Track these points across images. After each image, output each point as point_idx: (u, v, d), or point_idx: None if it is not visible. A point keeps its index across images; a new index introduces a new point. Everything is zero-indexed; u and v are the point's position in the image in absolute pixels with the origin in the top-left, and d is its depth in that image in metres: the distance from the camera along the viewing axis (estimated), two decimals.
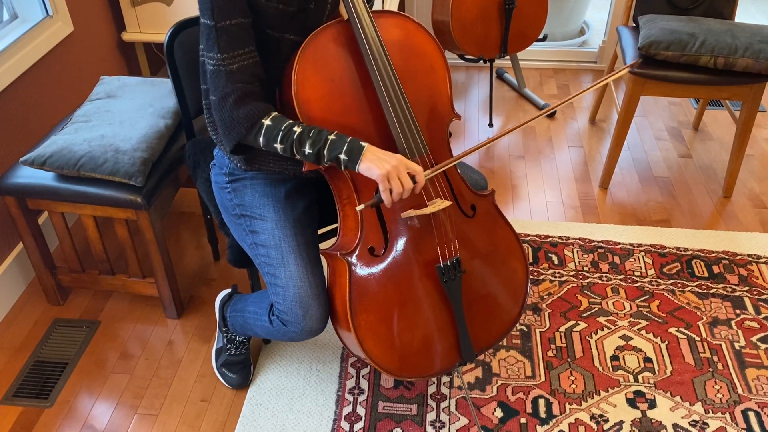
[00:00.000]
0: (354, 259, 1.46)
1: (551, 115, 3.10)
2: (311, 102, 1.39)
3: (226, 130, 1.39)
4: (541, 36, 2.92)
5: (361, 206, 1.39)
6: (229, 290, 1.90)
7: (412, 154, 1.44)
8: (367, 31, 1.40)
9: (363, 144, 1.34)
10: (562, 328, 2.02)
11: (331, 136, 1.34)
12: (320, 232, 1.71)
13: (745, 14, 4.28)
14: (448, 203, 1.47)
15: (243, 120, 1.37)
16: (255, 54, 1.40)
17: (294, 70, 1.38)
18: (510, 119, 3.09)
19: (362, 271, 1.47)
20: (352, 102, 1.43)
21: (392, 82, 1.42)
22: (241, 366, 1.87)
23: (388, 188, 1.34)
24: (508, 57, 3.31)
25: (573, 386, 1.85)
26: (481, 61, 2.94)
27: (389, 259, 1.48)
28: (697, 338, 1.99)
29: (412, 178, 1.36)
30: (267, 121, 1.37)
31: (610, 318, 2.05)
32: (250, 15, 1.38)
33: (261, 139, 1.38)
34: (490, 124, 3.04)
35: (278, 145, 1.37)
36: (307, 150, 1.35)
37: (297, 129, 1.35)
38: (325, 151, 1.34)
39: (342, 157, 1.34)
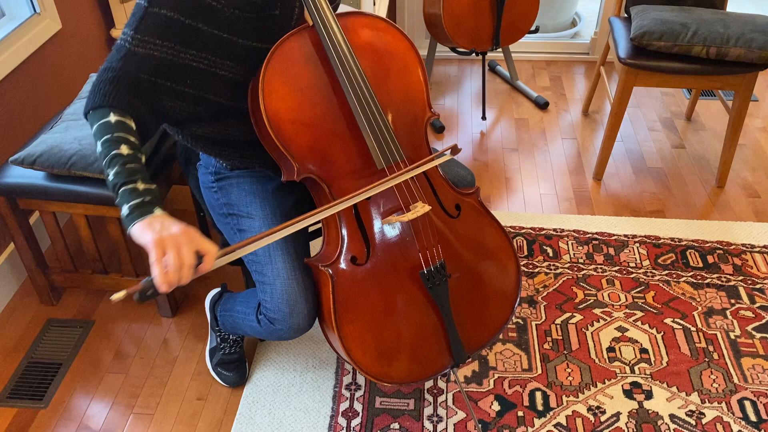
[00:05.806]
0: (336, 270, 1.43)
1: (544, 107, 3.09)
2: (281, 113, 1.35)
3: (89, 93, 1.29)
4: (533, 28, 2.92)
5: (121, 294, 1.11)
6: (218, 289, 1.88)
7: (387, 161, 1.42)
8: (333, 35, 1.36)
9: (155, 210, 1.17)
10: (558, 321, 2.02)
11: (137, 185, 1.18)
12: (311, 229, 1.70)
13: (737, 3, 4.28)
14: (428, 208, 1.42)
15: (99, 97, 1.26)
16: (170, 52, 1.31)
17: (261, 82, 1.34)
18: (503, 112, 3.09)
19: (345, 280, 1.43)
20: (323, 111, 1.38)
21: (362, 88, 1.38)
22: (237, 364, 1.86)
23: (161, 258, 1.11)
24: (500, 49, 3.30)
25: (570, 378, 1.85)
26: (474, 54, 2.93)
27: (372, 268, 1.45)
28: (693, 328, 1.99)
29: (201, 258, 1.16)
30: (113, 118, 1.24)
31: (606, 310, 2.06)
32: (195, 17, 1.30)
33: (93, 127, 1.25)
34: (483, 117, 3.03)
35: (98, 147, 1.23)
36: (110, 176, 1.20)
37: (122, 150, 1.21)
38: (119, 192, 1.19)
39: (123, 211, 1.17)
